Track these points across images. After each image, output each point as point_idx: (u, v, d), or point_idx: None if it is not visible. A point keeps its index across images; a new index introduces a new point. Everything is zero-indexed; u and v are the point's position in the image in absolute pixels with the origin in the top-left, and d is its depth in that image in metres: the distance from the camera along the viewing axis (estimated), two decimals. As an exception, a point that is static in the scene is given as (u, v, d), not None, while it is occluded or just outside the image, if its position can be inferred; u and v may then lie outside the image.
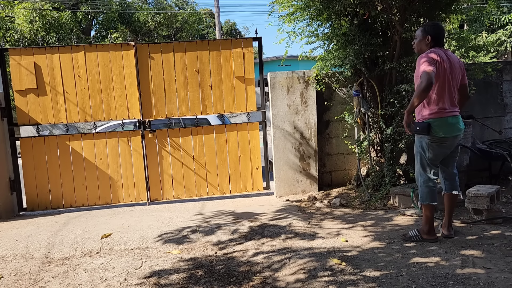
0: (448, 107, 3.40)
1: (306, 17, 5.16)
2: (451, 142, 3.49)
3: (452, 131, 3.43)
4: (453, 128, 3.43)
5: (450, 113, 3.40)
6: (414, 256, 3.23)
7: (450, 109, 3.41)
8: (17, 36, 14.91)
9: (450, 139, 3.46)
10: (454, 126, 3.43)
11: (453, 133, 3.44)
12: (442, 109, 3.39)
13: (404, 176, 5.44)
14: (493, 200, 3.99)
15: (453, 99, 3.44)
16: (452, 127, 3.43)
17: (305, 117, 5.42)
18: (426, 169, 3.57)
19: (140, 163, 5.44)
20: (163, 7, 20.03)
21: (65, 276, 3.26)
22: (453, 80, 3.43)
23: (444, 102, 3.39)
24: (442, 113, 3.39)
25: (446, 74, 3.38)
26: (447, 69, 3.38)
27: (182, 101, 5.45)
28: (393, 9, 4.80)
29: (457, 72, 3.46)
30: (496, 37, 11.47)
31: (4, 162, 5.18)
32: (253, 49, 5.67)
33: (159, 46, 5.42)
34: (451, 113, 3.41)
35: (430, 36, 3.46)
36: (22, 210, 5.40)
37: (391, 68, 4.96)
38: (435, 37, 3.46)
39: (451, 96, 3.42)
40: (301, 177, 5.47)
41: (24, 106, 5.28)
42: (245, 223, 4.22)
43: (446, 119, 3.40)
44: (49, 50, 5.30)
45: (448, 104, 3.40)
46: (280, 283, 2.93)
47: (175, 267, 3.30)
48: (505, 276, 2.79)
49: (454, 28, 5.64)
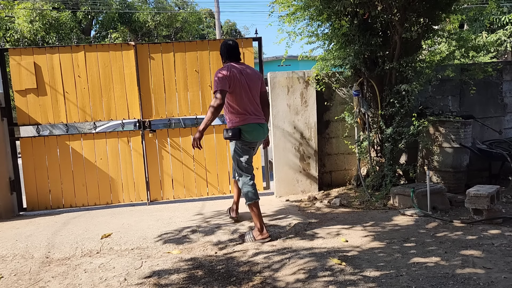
0: (252, 114, 3.75)
1: (306, 17, 5.16)
2: (257, 146, 3.98)
3: (258, 136, 3.82)
4: (259, 133, 3.80)
5: (255, 120, 3.76)
6: (414, 256, 3.23)
7: (254, 116, 3.76)
8: (17, 36, 14.90)
9: (258, 143, 3.91)
10: (259, 131, 3.80)
11: (259, 137, 3.84)
12: (247, 117, 3.74)
13: (404, 176, 5.44)
14: (493, 200, 3.99)
15: (256, 107, 3.80)
16: (258, 132, 3.79)
17: (305, 117, 5.42)
18: (244, 171, 3.86)
19: (140, 163, 5.44)
20: (163, 7, 20.03)
21: (65, 276, 3.26)
22: (252, 89, 3.78)
23: (247, 111, 3.74)
24: (248, 120, 3.74)
25: (242, 85, 3.72)
26: (242, 80, 3.71)
27: (182, 101, 5.45)
28: (393, 9, 4.80)
29: (255, 81, 3.82)
30: (496, 37, 11.46)
31: (4, 162, 5.18)
32: (253, 49, 5.67)
33: (159, 46, 5.42)
34: (256, 120, 3.77)
35: (222, 55, 3.90)
36: (22, 210, 5.40)
37: (391, 68, 4.96)
38: (227, 54, 3.86)
39: (252, 104, 3.77)
40: (301, 177, 5.47)
41: (24, 106, 5.28)
42: (245, 223, 4.23)
43: (252, 125, 3.75)
44: (49, 50, 5.30)
45: (250, 112, 3.75)
46: (280, 283, 2.93)
47: (175, 267, 3.30)
48: (505, 276, 2.79)
49: (454, 28, 5.64)
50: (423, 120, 4.96)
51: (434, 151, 5.13)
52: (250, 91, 3.76)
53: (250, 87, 3.76)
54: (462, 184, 5.16)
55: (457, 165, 5.08)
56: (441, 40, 5.56)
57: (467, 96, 5.72)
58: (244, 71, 3.77)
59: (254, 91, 3.80)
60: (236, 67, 3.76)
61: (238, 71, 3.73)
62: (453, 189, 4.99)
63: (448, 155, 5.08)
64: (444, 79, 5.50)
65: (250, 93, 3.76)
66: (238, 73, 3.71)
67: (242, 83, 3.71)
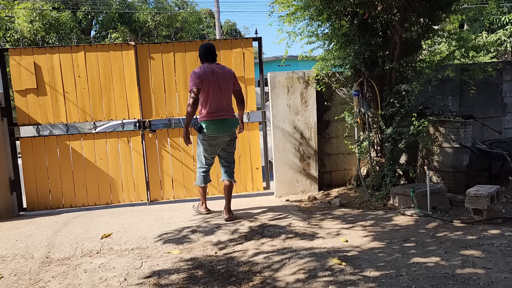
0: (215, 112, 4.14)
1: (306, 17, 5.15)
2: (219, 139, 4.26)
3: (218, 131, 4.20)
4: (218, 128, 4.18)
5: (216, 117, 4.15)
6: (414, 256, 3.23)
7: (217, 113, 4.15)
8: (17, 36, 14.91)
9: (219, 137, 4.24)
10: (219, 126, 4.18)
11: (219, 132, 4.21)
12: (209, 113, 4.15)
13: (404, 176, 5.44)
14: (493, 200, 3.99)
15: (221, 105, 4.17)
16: (217, 127, 4.17)
17: (305, 117, 5.42)
18: (201, 159, 4.40)
19: (140, 163, 5.44)
20: (163, 7, 20.03)
21: (65, 276, 3.26)
22: (222, 88, 4.17)
23: (211, 107, 4.14)
24: (209, 117, 4.15)
25: (211, 84, 4.12)
26: (212, 79, 4.12)
27: (182, 101, 5.45)
28: (393, 9, 4.81)
29: (227, 80, 4.19)
30: (496, 37, 11.47)
31: (4, 162, 5.18)
32: (253, 49, 5.67)
33: (159, 46, 5.42)
34: (217, 116, 4.15)
35: (200, 56, 4.32)
36: (22, 210, 5.39)
37: (391, 68, 4.96)
38: (203, 56, 4.27)
39: (219, 102, 4.16)
40: (301, 177, 5.47)
41: (24, 106, 5.28)
42: (245, 223, 4.23)
43: (211, 121, 4.16)
44: (49, 50, 5.30)
45: (214, 109, 4.14)
46: (280, 283, 2.94)
47: (175, 267, 3.30)
48: (505, 276, 2.80)
49: (454, 28, 5.64)
50: (423, 120, 4.96)
51: (434, 151, 5.13)
52: (220, 89, 4.16)
53: (220, 85, 4.16)
54: (462, 184, 5.16)
55: (457, 165, 5.08)
56: (441, 40, 5.56)
57: (467, 96, 5.72)
58: (216, 71, 4.18)
59: (224, 89, 4.19)
60: (209, 67, 4.19)
61: (211, 71, 4.16)
62: (453, 189, 4.99)
63: (448, 155, 5.08)
64: (444, 79, 5.50)
65: (219, 91, 4.16)
66: (209, 72, 4.14)
67: (212, 81, 4.13)
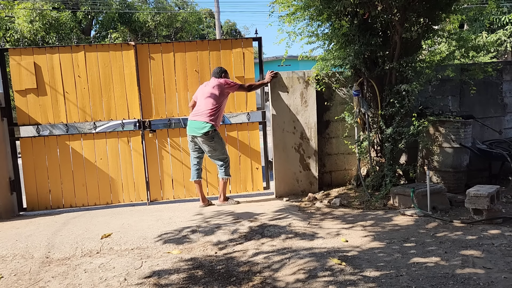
0: (192, 115, 4.98)
1: (306, 17, 5.15)
2: (194, 139, 4.98)
3: (190, 131, 4.97)
4: (190, 129, 4.96)
5: (191, 118, 4.97)
6: (414, 256, 3.23)
7: (192, 116, 4.95)
8: (17, 36, 14.90)
9: (191, 136, 4.98)
10: (190, 128, 4.94)
11: (190, 132, 4.96)
12: (191, 116, 5.00)
13: (404, 176, 5.44)
14: (493, 200, 3.99)
15: (203, 108, 4.88)
16: (190, 126, 4.95)
17: (305, 117, 5.42)
18: (191, 155, 5.13)
19: (140, 163, 5.44)
20: (163, 7, 20.02)
21: (65, 276, 3.26)
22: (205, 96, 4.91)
23: (195, 110, 4.99)
24: (189, 118, 5.02)
25: (197, 96, 5.04)
26: (201, 90, 5.02)
27: (182, 101, 5.45)
28: (393, 9, 4.80)
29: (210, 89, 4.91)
30: (496, 37, 11.47)
31: (4, 162, 5.18)
32: (253, 49, 5.67)
33: (159, 46, 5.42)
34: (192, 118, 4.95)
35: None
36: (22, 210, 5.40)
37: (391, 68, 4.95)
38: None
39: (201, 106, 4.91)
40: (301, 177, 5.47)
41: (24, 106, 5.28)
42: (245, 223, 4.23)
43: (189, 122, 4.98)
44: (49, 50, 5.30)
45: (196, 111, 4.95)
46: (280, 283, 2.94)
47: (175, 267, 3.30)
48: (505, 276, 2.80)
49: (454, 28, 5.64)
50: (423, 120, 4.95)
51: (434, 151, 5.13)
52: (204, 97, 4.93)
53: (205, 94, 4.93)
54: (462, 184, 5.16)
55: (457, 165, 5.08)
56: (441, 40, 5.56)
57: (467, 96, 5.71)
58: (207, 84, 5.02)
59: (207, 97, 4.90)
60: (206, 82, 5.09)
61: (204, 84, 5.07)
62: (453, 189, 4.99)
63: (448, 155, 5.08)
64: (444, 79, 5.50)
65: (203, 99, 4.93)
66: (203, 86, 5.07)
67: (200, 92, 5.02)
